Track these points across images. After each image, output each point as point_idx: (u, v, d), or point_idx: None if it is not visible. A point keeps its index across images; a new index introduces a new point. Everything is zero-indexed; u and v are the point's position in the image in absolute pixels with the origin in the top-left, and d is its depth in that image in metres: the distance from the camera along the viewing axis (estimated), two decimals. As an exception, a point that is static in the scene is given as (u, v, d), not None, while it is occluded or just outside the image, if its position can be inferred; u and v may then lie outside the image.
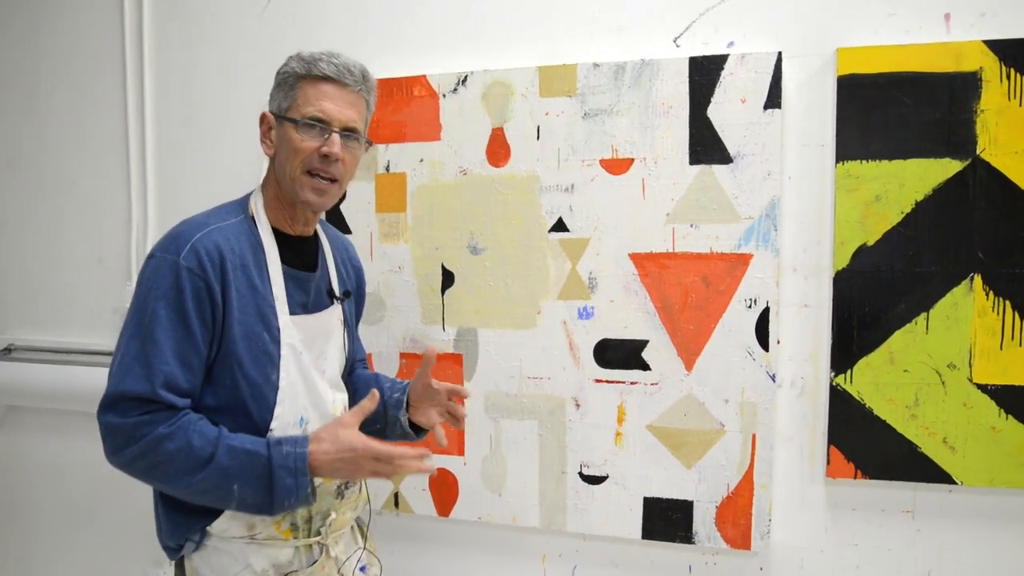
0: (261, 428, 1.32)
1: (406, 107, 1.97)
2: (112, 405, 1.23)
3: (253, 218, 1.38)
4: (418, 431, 1.58)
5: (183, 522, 1.32)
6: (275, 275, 1.36)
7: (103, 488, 2.42)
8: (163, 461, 1.22)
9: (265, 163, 2.01)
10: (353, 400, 1.57)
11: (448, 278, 1.98)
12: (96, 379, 2.22)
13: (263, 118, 1.40)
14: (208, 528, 1.32)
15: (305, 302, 1.42)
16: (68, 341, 2.39)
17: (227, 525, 1.32)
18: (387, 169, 2.00)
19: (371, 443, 1.28)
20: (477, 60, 1.95)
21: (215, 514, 1.31)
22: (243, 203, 1.41)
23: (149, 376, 1.22)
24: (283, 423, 1.34)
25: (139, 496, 2.36)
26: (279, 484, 1.24)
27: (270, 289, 1.35)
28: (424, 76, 1.95)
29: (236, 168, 2.17)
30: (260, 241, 1.36)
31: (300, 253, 1.45)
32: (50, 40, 2.36)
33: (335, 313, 1.51)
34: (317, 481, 1.33)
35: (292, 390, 1.36)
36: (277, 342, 1.35)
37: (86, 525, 2.46)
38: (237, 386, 1.30)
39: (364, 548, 1.55)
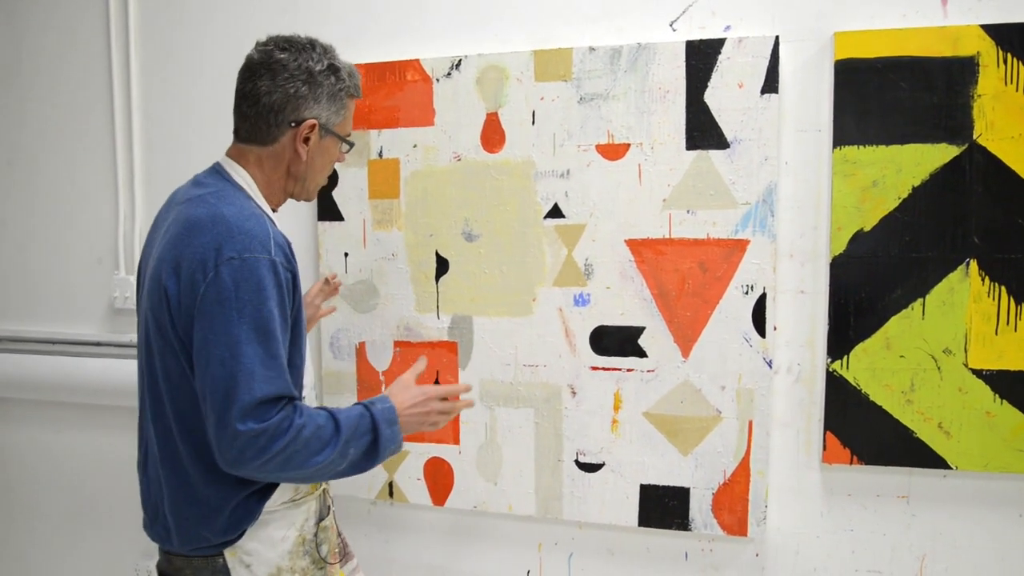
0: (300, 395, 1.40)
1: (399, 92, 1.94)
2: (251, 412, 1.22)
3: (257, 203, 1.41)
4: None
5: (246, 508, 1.36)
6: (293, 253, 1.42)
7: (95, 480, 2.39)
8: (300, 448, 1.26)
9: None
10: None
11: (442, 265, 1.96)
12: (87, 370, 2.19)
13: (309, 126, 1.39)
14: (267, 504, 1.38)
15: None
16: (58, 332, 2.36)
17: (280, 494, 1.40)
18: (380, 155, 1.97)
19: (436, 387, 1.47)
20: (471, 44, 1.92)
21: (274, 487, 1.38)
22: (235, 186, 1.40)
23: (280, 375, 1.26)
24: (307, 390, 1.46)
25: (131, 487, 2.34)
26: (383, 435, 1.35)
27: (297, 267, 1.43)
28: (417, 60, 1.93)
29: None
30: (274, 221, 1.41)
31: None
32: (36, 37, 2.32)
33: None
34: None
35: (307, 362, 1.47)
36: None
37: (78, 517, 2.44)
38: (302, 361, 1.40)
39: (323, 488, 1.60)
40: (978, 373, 1.67)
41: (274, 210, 1.48)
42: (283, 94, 1.38)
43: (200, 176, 1.44)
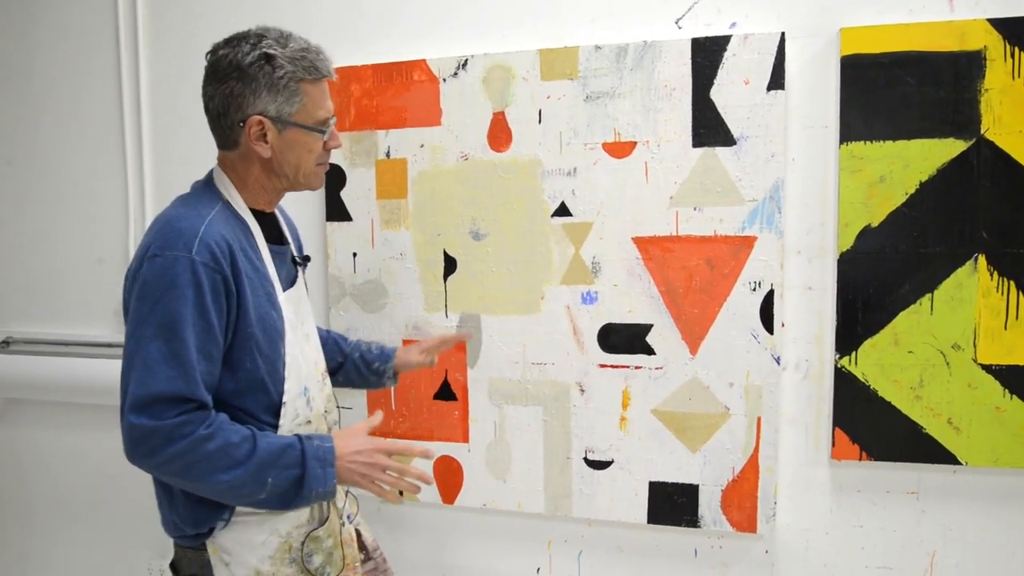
0: (276, 402, 1.37)
1: (406, 92, 1.95)
2: (144, 408, 1.21)
3: (229, 203, 1.38)
4: (395, 378, 1.80)
5: (211, 505, 1.33)
6: (265, 255, 1.40)
7: (104, 480, 2.41)
8: (202, 460, 1.23)
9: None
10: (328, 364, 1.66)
11: (450, 264, 1.97)
12: (95, 371, 2.21)
13: (257, 122, 1.34)
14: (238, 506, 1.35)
15: (284, 276, 1.45)
16: (66, 333, 2.38)
17: None
18: (387, 155, 1.98)
19: (383, 440, 1.39)
20: (477, 44, 1.93)
21: None
22: (211, 190, 1.39)
23: (184, 375, 1.22)
24: (292, 396, 1.39)
25: (141, 488, 2.35)
26: (310, 473, 1.29)
27: (267, 268, 1.39)
28: (424, 60, 1.94)
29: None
30: (246, 224, 1.39)
31: (272, 229, 1.48)
32: (45, 38, 2.34)
33: (301, 279, 1.55)
34: None
35: (295, 362, 1.41)
36: (281, 318, 1.39)
37: (88, 518, 2.45)
38: (256, 366, 1.33)
39: (348, 491, 1.59)
40: (987, 368, 1.67)
41: (266, 209, 1.46)
42: (221, 96, 1.34)
43: (195, 182, 1.46)
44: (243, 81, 1.33)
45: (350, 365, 1.76)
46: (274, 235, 1.48)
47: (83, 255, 2.37)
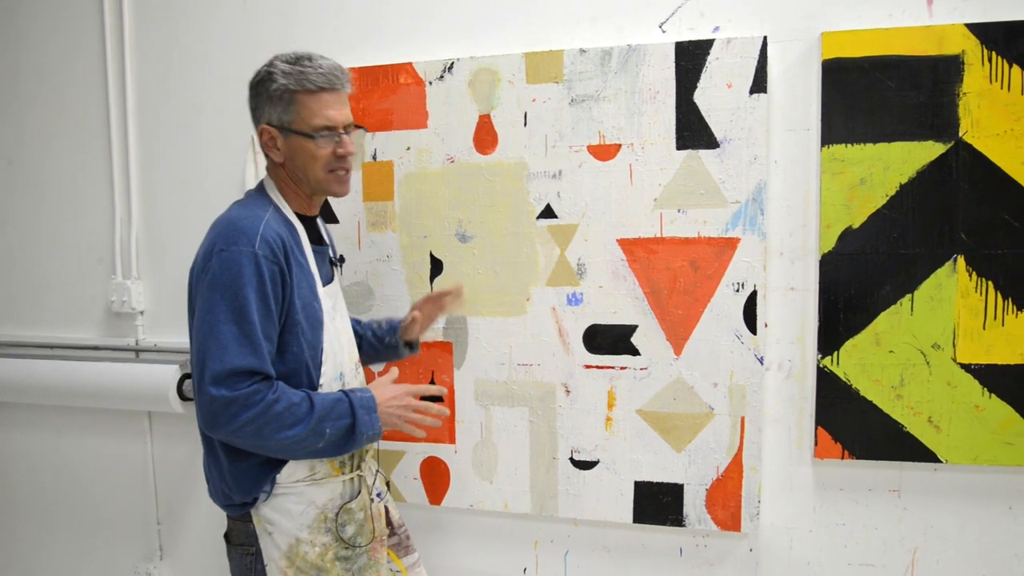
0: (315, 384, 1.52)
1: (392, 95, 1.96)
2: (222, 380, 1.38)
3: (278, 207, 1.55)
4: (411, 347, 1.88)
5: (256, 476, 1.50)
6: (309, 253, 1.55)
7: (94, 483, 2.40)
8: (272, 420, 1.40)
9: (252, 159, 1.98)
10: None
11: (436, 266, 1.98)
12: (85, 374, 2.20)
13: (263, 131, 1.52)
14: (277, 477, 1.50)
15: (323, 273, 1.60)
16: (56, 336, 2.37)
17: (292, 470, 1.51)
18: (374, 157, 1.99)
19: (408, 386, 1.57)
20: (463, 47, 1.94)
21: (283, 463, 1.50)
22: (263, 196, 1.56)
23: (255, 352, 1.40)
24: (328, 379, 1.55)
25: (129, 491, 2.36)
26: (360, 420, 1.48)
27: (310, 264, 1.54)
28: (410, 63, 1.95)
29: (218, 163, 2.17)
30: (293, 225, 1.55)
31: (314, 231, 1.63)
32: (33, 40, 2.34)
33: (337, 277, 1.70)
34: None
35: (332, 349, 1.56)
36: (321, 311, 1.54)
37: (78, 520, 2.45)
38: (301, 350, 1.49)
39: (379, 472, 1.73)
40: (966, 367, 1.69)
41: (306, 213, 1.60)
42: (249, 112, 1.56)
43: (249, 189, 1.64)
44: (256, 97, 1.53)
45: (366, 345, 1.86)
46: (315, 236, 1.62)
47: (68, 257, 2.36)
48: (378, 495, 1.68)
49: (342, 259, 1.75)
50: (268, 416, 1.40)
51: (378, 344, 1.86)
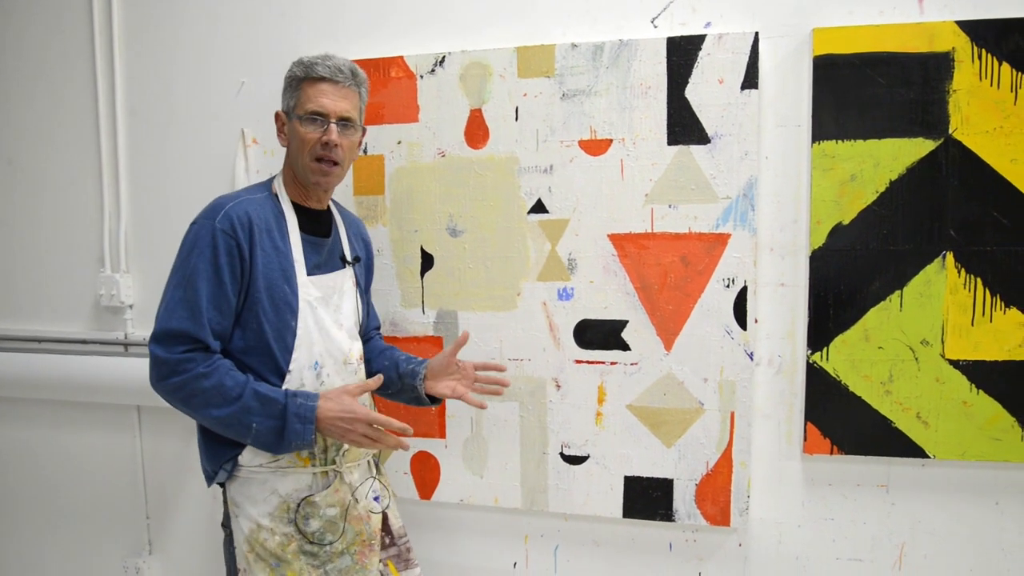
0: (282, 368, 1.54)
1: (383, 88, 1.95)
2: (159, 340, 1.46)
3: (276, 195, 1.61)
4: (433, 400, 1.78)
5: (218, 450, 1.54)
6: (295, 240, 1.58)
7: (81, 477, 2.39)
8: (198, 394, 1.46)
9: (242, 153, 1.98)
10: (368, 366, 1.79)
11: (427, 261, 1.97)
12: (73, 367, 2.19)
13: (277, 116, 1.63)
14: (239, 459, 1.53)
15: (319, 263, 1.63)
16: (44, 330, 2.36)
17: (254, 455, 1.53)
18: (365, 151, 1.98)
19: (368, 411, 1.52)
20: (455, 41, 1.94)
21: (243, 446, 1.53)
22: (268, 183, 1.64)
23: (192, 317, 1.45)
24: (299, 365, 1.55)
25: (118, 486, 2.35)
26: (290, 427, 1.47)
27: (291, 251, 1.57)
28: (401, 57, 1.94)
29: (207, 157, 2.15)
30: (283, 212, 1.59)
31: (316, 223, 1.65)
32: (19, 34, 2.31)
33: (347, 275, 1.69)
34: None
35: (308, 338, 1.57)
36: (296, 296, 1.56)
37: (65, 514, 2.43)
38: (262, 329, 1.52)
39: (375, 478, 1.71)
40: (955, 363, 1.70)
41: (304, 201, 1.63)
42: None
43: None
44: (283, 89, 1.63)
45: (389, 375, 1.76)
46: (313, 228, 1.64)
47: (57, 251, 2.34)
48: (375, 499, 1.67)
49: (357, 259, 1.73)
50: (193, 388, 1.45)
51: (397, 380, 1.77)
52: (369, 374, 1.75)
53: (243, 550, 1.53)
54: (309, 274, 1.59)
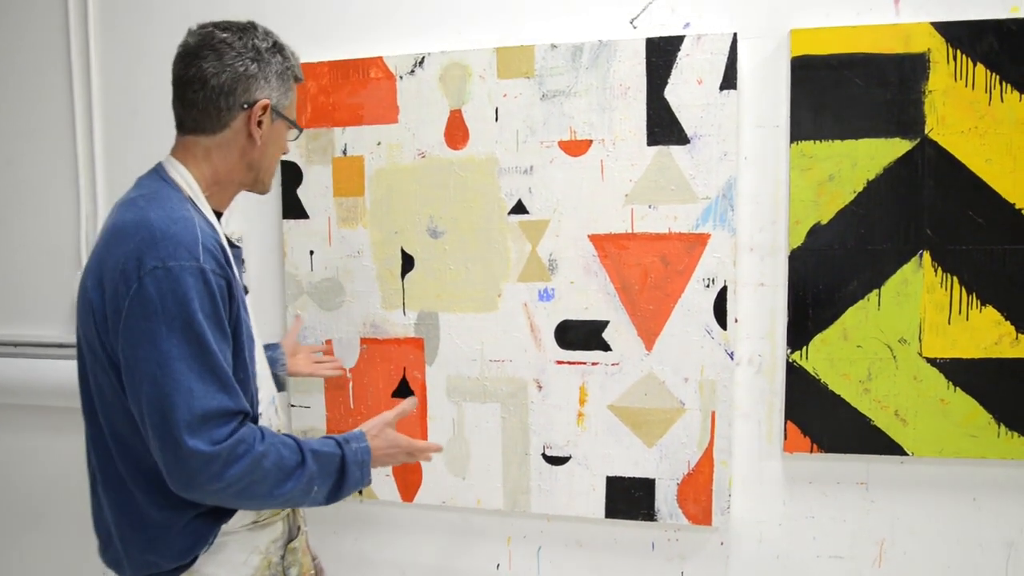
0: (254, 412, 1.31)
1: (363, 89, 1.94)
2: (196, 430, 1.13)
3: (192, 200, 1.31)
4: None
5: (199, 530, 1.28)
6: (230, 257, 1.32)
7: (56, 485, 2.36)
8: (259, 479, 1.20)
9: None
10: None
11: (408, 262, 1.96)
12: (48, 372, 2.16)
13: (262, 107, 1.33)
14: (224, 526, 1.30)
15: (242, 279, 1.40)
16: (19, 334, 2.33)
17: (242, 515, 1.33)
18: (344, 152, 1.97)
19: (409, 441, 1.43)
20: (434, 41, 1.93)
21: (232, 512, 1.31)
22: (174, 187, 1.31)
23: (224, 388, 1.18)
24: (264, 405, 1.38)
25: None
26: (350, 478, 1.31)
27: (235, 272, 1.32)
28: (380, 58, 1.93)
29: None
30: (212, 226, 1.31)
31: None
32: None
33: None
34: None
35: (263, 371, 1.39)
36: (249, 325, 1.35)
37: (42, 522, 2.40)
38: (247, 376, 1.30)
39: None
40: (932, 361, 1.72)
41: (220, 210, 1.41)
42: (232, 73, 1.30)
43: (140, 178, 1.36)
44: (259, 64, 1.33)
45: None
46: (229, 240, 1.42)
47: (33, 254, 2.31)
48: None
49: (242, 261, 1.54)
50: (256, 473, 1.19)
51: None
52: None
53: None
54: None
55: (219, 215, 1.41)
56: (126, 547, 1.30)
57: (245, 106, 1.32)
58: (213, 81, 1.30)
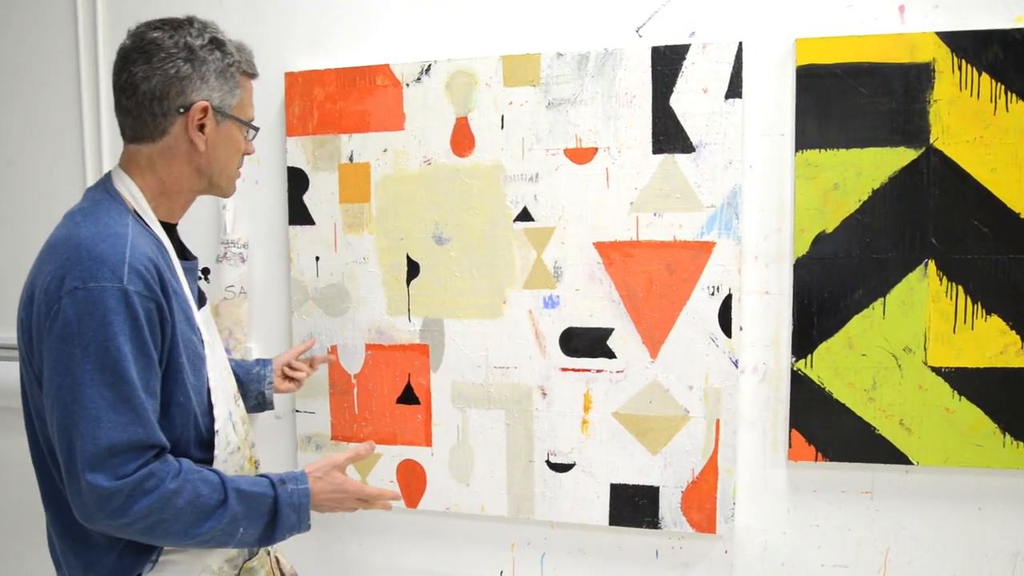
0: (205, 433, 1.27)
1: (369, 96, 1.95)
2: (100, 464, 1.07)
3: (137, 213, 1.25)
4: (264, 405, 1.75)
5: (141, 551, 1.22)
6: (180, 274, 1.28)
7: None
8: (169, 518, 1.13)
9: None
10: None
11: (413, 269, 1.97)
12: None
13: (200, 109, 1.25)
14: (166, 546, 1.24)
15: (194, 293, 1.33)
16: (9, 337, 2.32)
17: None
18: (351, 159, 1.98)
19: (359, 486, 1.38)
20: (440, 49, 1.94)
21: None
22: (116, 200, 1.24)
23: (138, 419, 1.10)
24: (221, 423, 1.30)
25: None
26: (284, 521, 1.24)
27: (183, 288, 1.27)
28: (387, 65, 1.94)
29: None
30: (159, 239, 1.26)
31: (175, 241, 1.35)
32: (1, 32, 2.30)
33: (207, 295, 1.47)
34: None
35: (219, 387, 1.31)
36: (201, 341, 1.28)
37: (22, 527, 2.38)
38: (188, 399, 1.23)
39: None
40: (937, 371, 1.72)
41: (172, 221, 1.35)
42: (163, 76, 1.22)
43: (88, 188, 1.30)
44: (192, 63, 1.23)
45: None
46: (179, 248, 1.35)
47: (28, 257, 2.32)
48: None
49: (206, 271, 1.48)
50: (165, 512, 1.11)
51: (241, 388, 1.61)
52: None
53: None
54: (198, 309, 1.31)
55: (174, 226, 1.36)
56: (69, 567, 1.26)
57: (181, 110, 1.24)
58: (143, 87, 1.23)
